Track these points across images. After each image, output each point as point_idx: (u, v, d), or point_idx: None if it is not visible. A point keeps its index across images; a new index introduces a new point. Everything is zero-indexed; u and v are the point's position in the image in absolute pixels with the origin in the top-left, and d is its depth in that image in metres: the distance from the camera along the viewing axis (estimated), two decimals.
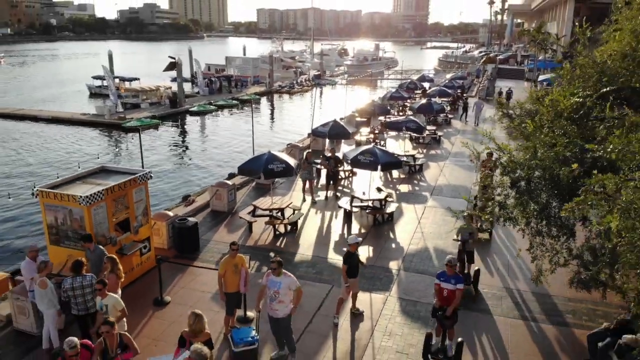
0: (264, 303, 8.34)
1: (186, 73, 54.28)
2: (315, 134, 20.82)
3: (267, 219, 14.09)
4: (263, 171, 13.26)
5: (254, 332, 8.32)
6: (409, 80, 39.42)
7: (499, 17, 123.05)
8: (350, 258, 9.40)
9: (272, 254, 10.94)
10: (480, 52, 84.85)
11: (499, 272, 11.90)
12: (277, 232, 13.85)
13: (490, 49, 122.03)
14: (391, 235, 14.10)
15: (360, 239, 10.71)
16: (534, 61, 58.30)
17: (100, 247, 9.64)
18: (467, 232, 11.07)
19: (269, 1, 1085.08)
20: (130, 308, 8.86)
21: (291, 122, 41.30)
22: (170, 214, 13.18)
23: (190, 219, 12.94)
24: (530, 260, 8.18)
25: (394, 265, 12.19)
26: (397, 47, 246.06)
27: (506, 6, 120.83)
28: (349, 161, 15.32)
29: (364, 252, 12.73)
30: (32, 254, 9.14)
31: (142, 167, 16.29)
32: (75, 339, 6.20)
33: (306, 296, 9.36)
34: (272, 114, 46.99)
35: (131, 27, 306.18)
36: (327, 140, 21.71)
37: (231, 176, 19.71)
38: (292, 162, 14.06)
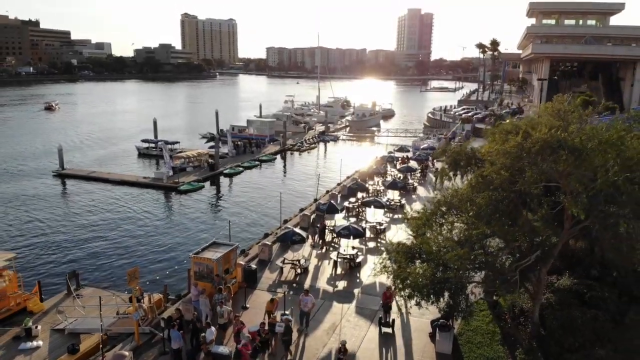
0: (298, 305, 20.23)
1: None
2: (318, 209, 33.12)
3: (290, 264, 26.02)
4: (289, 240, 25.56)
5: (290, 317, 20.22)
6: (388, 155, 52.01)
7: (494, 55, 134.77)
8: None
9: (305, 288, 22.87)
10: (464, 108, 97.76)
11: None
12: (296, 272, 25.73)
13: (481, 96, 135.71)
14: (357, 274, 26.03)
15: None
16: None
17: (219, 279, 21.68)
18: None
19: (277, 39, 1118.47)
20: (232, 308, 20.90)
21: (302, 175, 54.48)
22: (242, 262, 25.23)
23: (252, 265, 25.03)
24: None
25: (356, 290, 24.08)
26: (400, 87, 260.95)
27: (496, 53, 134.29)
28: (336, 232, 27.46)
29: (342, 284, 24.69)
30: (194, 283, 21.17)
31: (230, 239, 27.92)
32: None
33: None
34: (285, 171, 59.56)
35: (147, 67, 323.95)
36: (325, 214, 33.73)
37: (265, 235, 31.79)
38: (304, 234, 26.31)
